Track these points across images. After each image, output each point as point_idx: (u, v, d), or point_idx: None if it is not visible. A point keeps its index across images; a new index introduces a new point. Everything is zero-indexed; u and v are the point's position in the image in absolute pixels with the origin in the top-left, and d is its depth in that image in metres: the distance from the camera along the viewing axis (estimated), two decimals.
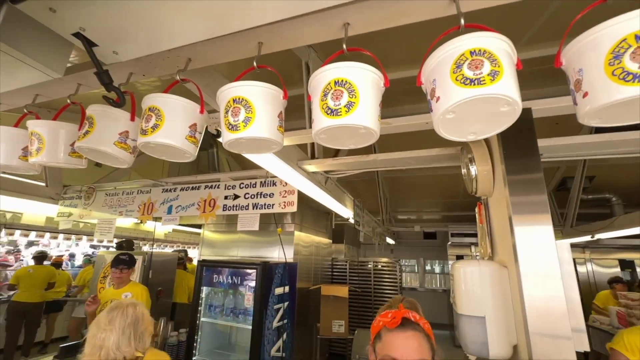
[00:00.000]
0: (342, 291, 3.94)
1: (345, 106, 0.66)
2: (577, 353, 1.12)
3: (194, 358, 2.61)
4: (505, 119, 0.62)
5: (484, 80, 0.56)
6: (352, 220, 3.72)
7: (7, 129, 1.12)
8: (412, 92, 2.54)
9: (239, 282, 2.64)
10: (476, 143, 1.65)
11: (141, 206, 3.31)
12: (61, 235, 6.75)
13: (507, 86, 0.56)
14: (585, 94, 0.56)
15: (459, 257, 7.20)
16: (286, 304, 2.73)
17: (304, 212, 4.19)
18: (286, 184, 2.71)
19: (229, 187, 2.96)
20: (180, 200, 3.14)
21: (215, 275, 2.77)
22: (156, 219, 3.33)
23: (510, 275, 1.39)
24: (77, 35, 0.74)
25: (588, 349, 1.17)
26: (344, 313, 4.33)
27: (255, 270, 2.57)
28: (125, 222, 7.16)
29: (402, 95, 2.43)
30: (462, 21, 0.69)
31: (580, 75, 0.58)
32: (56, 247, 7.23)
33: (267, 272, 2.58)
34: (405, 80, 2.05)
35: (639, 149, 1.83)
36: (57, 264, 5.58)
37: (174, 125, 0.82)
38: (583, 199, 4.47)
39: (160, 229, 8.01)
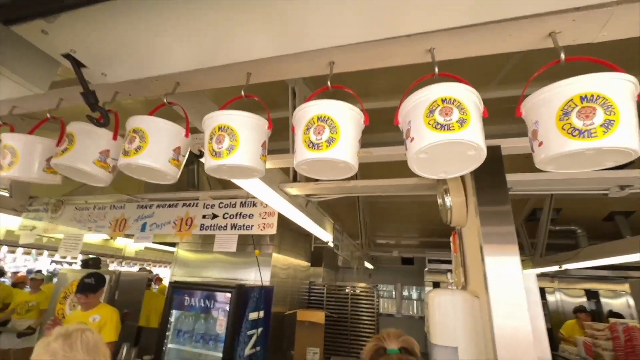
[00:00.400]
0: (319, 317, 3.86)
1: (326, 141, 0.69)
2: None
3: None
4: (472, 162, 0.68)
5: (452, 126, 0.62)
6: (331, 244, 3.72)
7: None
8: (392, 122, 2.65)
9: (211, 306, 2.54)
10: None
11: (113, 222, 3.17)
12: (20, 249, 6.28)
13: (473, 133, 0.62)
14: (540, 143, 0.63)
15: (436, 284, 7.26)
16: (260, 329, 2.64)
17: (283, 234, 4.15)
18: (266, 205, 2.69)
19: (208, 206, 2.90)
20: (156, 217, 3.04)
21: (187, 298, 2.65)
22: (128, 236, 3.19)
23: (481, 305, 1.43)
24: (67, 56, 0.75)
25: None
26: (320, 340, 4.21)
27: (230, 294, 2.49)
28: (94, 238, 6.78)
29: (384, 124, 2.53)
30: (437, 70, 0.76)
31: (537, 126, 0.65)
32: (12, 262, 6.69)
33: (243, 296, 2.50)
34: (387, 110, 2.16)
35: (598, 187, 1.99)
36: (20, 283, 5.11)
37: (157, 148, 0.83)
38: (551, 229, 4.69)
39: (132, 247, 7.63)
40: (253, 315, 2.55)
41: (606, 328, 4.28)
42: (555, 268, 5.07)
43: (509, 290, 1.28)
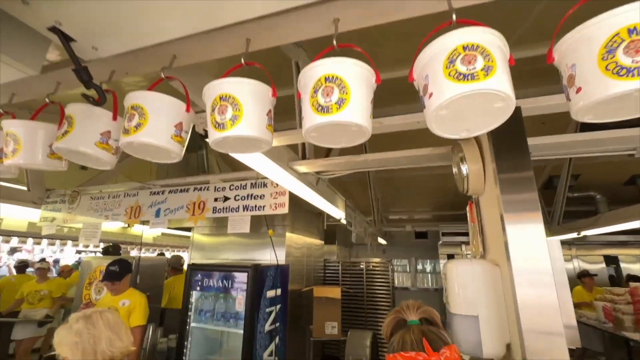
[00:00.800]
0: (335, 292, 3.92)
1: (336, 103, 0.63)
2: None
3: None
4: (499, 115, 0.61)
5: (477, 75, 0.55)
6: (344, 221, 3.71)
7: None
8: (403, 92, 2.54)
9: (229, 286, 2.59)
10: (467, 142, 1.65)
11: (128, 210, 3.22)
12: (45, 241, 6.54)
13: (501, 81, 0.55)
14: (578, 90, 0.56)
15: (450, 256, 7.27)
16: (278, 306, 2.70)
17: (296, 214, 4.16)
18: (277, 185, 2.67)
19: (219, 189, 2.90)
20: (169, 203, 3.07)
21: (205, 279, 2.71)
22: (144, 223, 3.25)
23: (502, 273, 1.39)
24: (53, 29, 0.70)
25: (580, 345, 1.18)
26: (337, 314, 4.31)
27: (246, 274, 2.52)
28: (112, 226, 6.98)
29: (394, 95, 2.43)
30: (454, 17, 0.68)
31: (573, 70, 0.57)
32: (40, 252, 7.00)
33: (259, 275, 2.53)
34: (396, 81, 2.05)
35: (623, 147, 1.87)
36: (67, 271, 5.36)
37: (158, 124, 0.78)
38: (569, 197, 4.56)
39: (148, 233, 7.85)
40: (270, 293, 2.59)
41: (626, 292, 4.22)
42: (574, 235, 4.98)
43: (533, 258, 1.22)
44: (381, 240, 6.83)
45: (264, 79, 0.88)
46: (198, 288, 2.72)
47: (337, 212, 3.47)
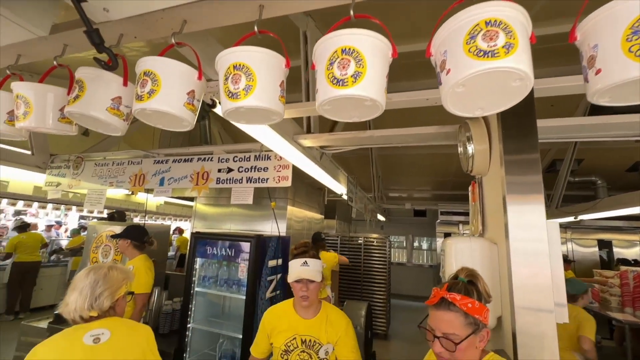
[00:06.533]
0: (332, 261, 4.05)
1: (352, 76, 0.63)
2: None
3: (189, 325, 2.69)
4: (515, 95, 0.61)
5: (498, 52, 0.54)
6: (345, 197, 3.75)
7: None
8: (409, 68, 2.48)
9: (232, 255, 2.67)
10: (475, 122, 1.64)
11: (132, 177, 3.25)
12: (50, 205, 6.65)
13: (522, 60, 0.55)
14: (598, 71, 0.55)
15: (447, 235, 7.42)
16: (279, 275, 2.80)
17: (297, 187, 4.20)
18: (281, 158, 2.68)
19: (223, 160, 2.92)
20: (173, 172, 3.09)
21: (209, 247, 2.79)
22: (148, 191, 3.29)
23: (499, 251, 1.44)
24: None
25: (567, 321, 1.24)
26: (335, 285, 4.47)
27: (249, 243, 2.59)
28: (116, 193, 7.06)
29: (399, 71, 2.38)
30: None
31: (595, 51, 0.56)
32: (45, 216, 7.14)
33: (261, 245, 2.61)
34: (403, 55, 2.00)
35: (630, 133, 1.86)
36: None
37: (171, 91, 0.78)
38: (570, 181, 4.58)
39: (152, 201, 7.95)
40: (272, 263, 2.68)
41: (616, 275, 4.36)
42: (570, 219, 5.05)
43: (531, 239, 1.26)
44: (380, 217, 6.94)
45: (275, 49, 0.86)
46: (202, 255, 2.81)
47: (339, 188, 3.51)
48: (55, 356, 0.96)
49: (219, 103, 1.34)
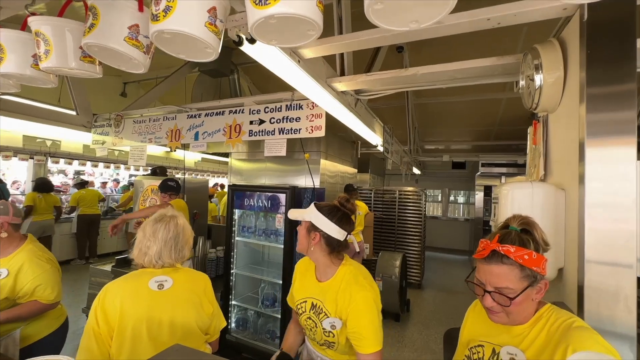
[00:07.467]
0: (367, 218, 4.03)
1: None
2: None
3: (232, 271, 2.86)
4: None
5: None
6: (381, 148, 3.57)
7: (12, 32, 1.01)
8: None
9: (269, 206, 2.71)
10: (548, 45, 1.35)
11: (169, 133, 3.31)
12: (101, 165, 7.17)
13: None
14: None
15: (487, 187, 7.05)
16: None
17: (330, 141, 4.06)
18: (313, 106, 2.53)
19: (254, 112, 2.83)
20: (206, 126, 3.08)
21: (246, 200, 2.85)
22: (184, 147, 3.36)
23: (567, 199, 1.25)
24: None
25: None
26: (369, 237, 4.50)
27: (284, 194, 2.59)
28: (156, 150, 7.43)
29: None
30: None
31: None
32: (100, 175, 7.77)
33: (296, 195, 2.60)
34: None
35: None
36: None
37: (189, 6, 0.66)
38: None
39: (190, 157, 8.28)
40: None
41: None
42: None
43: (614, 189, 1.05)
44: (415, 170, 6.69)
45: None
46: (240, 207, 2.88)
47: (375, 138, 3.32)
48: (124, 294, 1.04)
49: (246, 39, 1.20)
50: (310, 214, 1.19)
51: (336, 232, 1.15)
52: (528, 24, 1.83)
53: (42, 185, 5.07)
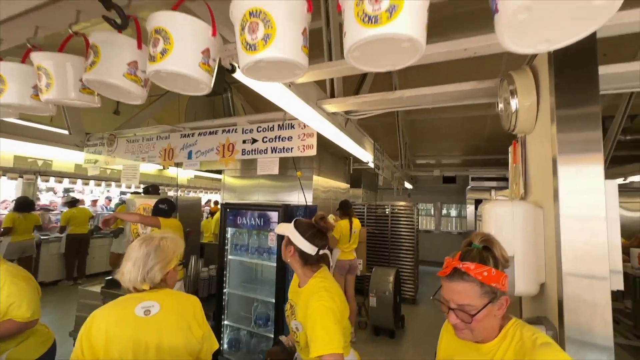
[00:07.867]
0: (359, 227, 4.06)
1: (386, 10, 0.53)
2: None
3: (224, 290, 2.84)
4: (594, 17, 0.49)
5: None
6: (372, 164, 3.65)
7: (14, 65, 1.06)
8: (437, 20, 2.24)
9: (262, 224, 2.73)
10: (521, 73, 1.45)
11: (162, 152, 3.35)
12: (92, 182, 7.11)
13: None
14: None
15: (478, 201, 7.17)
16: None
17: (322, 157, 4.14)
18: (305, 126, 2.60)
19: (247, 131, 2.89)
20: (199, 145, 3.13)
21: (239, 217, 2.86)
22: (177, 165, 3.39)
23: (545, 216, 1.32)
24: None
25: (622, 288, 1.14)
26: (363, 253, 4.52)
27: (277, 212, 2.62)
28: (149, 168, 7.40)
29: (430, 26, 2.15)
30: None
31: None
32: (90, 193, 7.69)
33: (289, 213, 2.63)
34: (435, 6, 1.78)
35: None
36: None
37: (185, 49, 0.72)
38: (620, 140, 4.14)
39: (183, 175, 8.26)
40: None
41: None
42: (620, 181, 4.64)
43: (586, 203, 1.12)
44: (407, 185, 6.78)
45: None
46: (232, 225, 2.89)
47: (365, 155, 3.40)
48: (109, 320, 1.03)
49: (239, 67, 1.27)
50: (289, 230, 1.35)
51: (307, 247, 1.28)
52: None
53: (22, 205, 4.91)
